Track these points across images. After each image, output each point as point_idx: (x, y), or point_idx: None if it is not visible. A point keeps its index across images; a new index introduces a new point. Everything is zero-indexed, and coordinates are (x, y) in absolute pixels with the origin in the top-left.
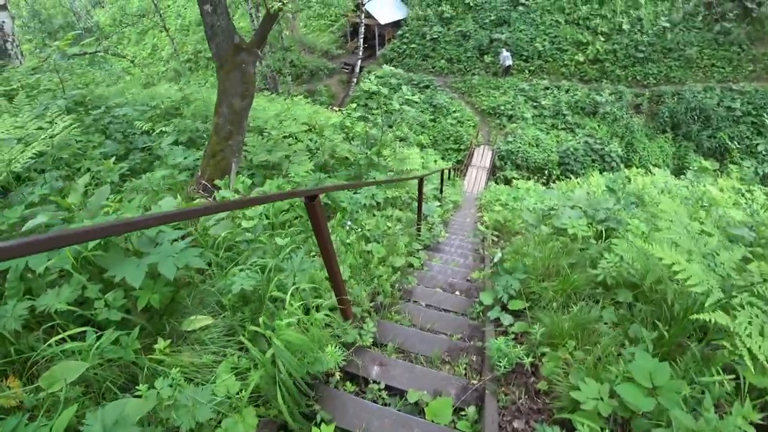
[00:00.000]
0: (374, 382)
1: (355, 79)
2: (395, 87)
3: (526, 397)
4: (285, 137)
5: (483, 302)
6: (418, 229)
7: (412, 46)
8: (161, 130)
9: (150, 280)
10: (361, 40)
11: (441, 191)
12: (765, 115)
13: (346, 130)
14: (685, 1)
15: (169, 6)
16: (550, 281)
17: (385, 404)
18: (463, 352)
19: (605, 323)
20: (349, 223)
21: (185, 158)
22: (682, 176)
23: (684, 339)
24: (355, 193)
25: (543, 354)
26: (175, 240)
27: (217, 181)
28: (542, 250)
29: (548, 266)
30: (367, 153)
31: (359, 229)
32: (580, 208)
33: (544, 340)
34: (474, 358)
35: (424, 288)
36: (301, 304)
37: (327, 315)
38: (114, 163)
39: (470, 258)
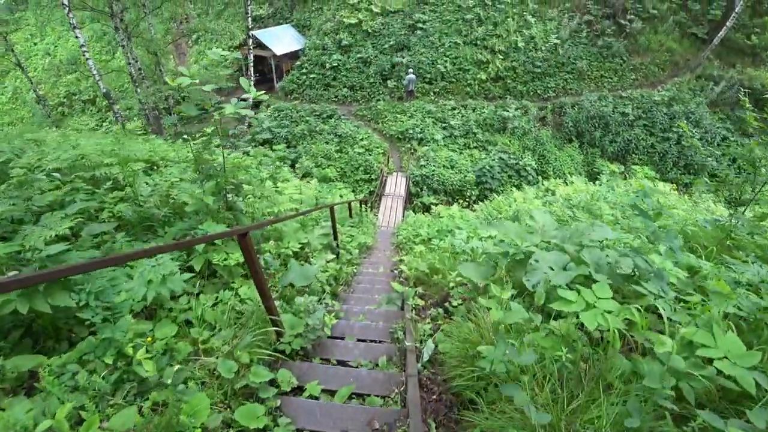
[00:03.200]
0: None
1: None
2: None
3: None
4: (108, 181)
5: None
6: (278, 333)
7: (312, 76)
8: None
9: None
10: (252, 71)
11: (336, 237)
12: (681, 124)
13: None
14: (569, 20)
15: (35, 44)
16: None
17: None
18: None
19: None
20: None
21: None
22: (597, 182)
23: None
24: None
25: None
26: None
27: None
28: (526, 371)
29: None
30: (201, 193)
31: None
32: (559, 246)
33: None
34: None
35: None
36: None
37: None
38: None
39: (382, 357)
